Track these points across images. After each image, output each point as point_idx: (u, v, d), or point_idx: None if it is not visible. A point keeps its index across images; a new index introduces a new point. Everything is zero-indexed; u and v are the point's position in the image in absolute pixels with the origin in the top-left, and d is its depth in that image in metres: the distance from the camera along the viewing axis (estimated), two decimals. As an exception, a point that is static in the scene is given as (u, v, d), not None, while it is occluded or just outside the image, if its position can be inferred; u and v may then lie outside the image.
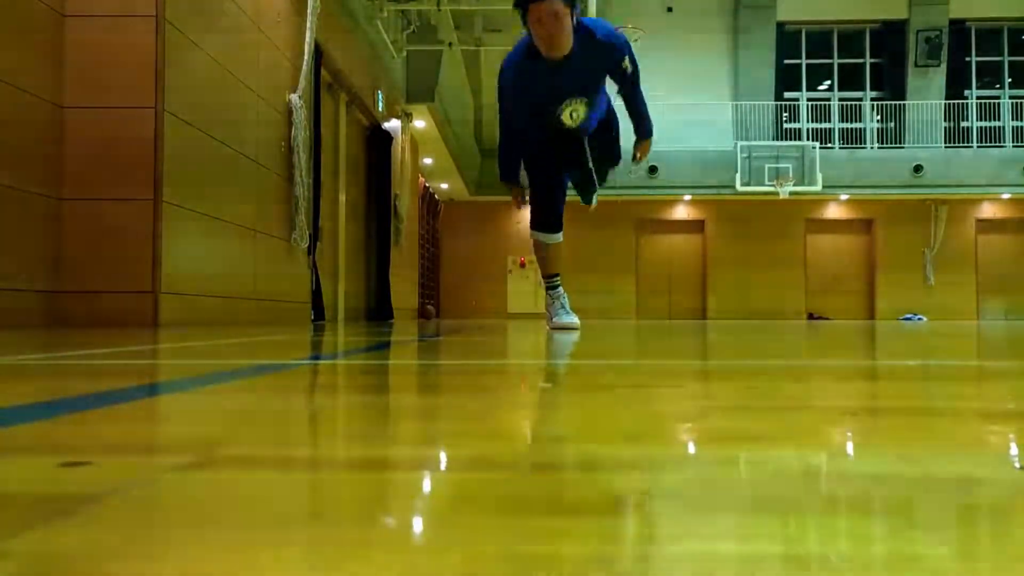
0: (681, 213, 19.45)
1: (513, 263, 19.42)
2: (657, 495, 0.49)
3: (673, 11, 19.29)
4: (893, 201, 18.70)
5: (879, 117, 19.32)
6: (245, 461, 0.60)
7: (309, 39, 7.63)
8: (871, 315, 19.19)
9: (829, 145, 18.94)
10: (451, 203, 19.37)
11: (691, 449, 0.67)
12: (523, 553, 0.37)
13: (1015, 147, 18.35)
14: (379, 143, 11.52)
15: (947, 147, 18.51)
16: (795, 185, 17.55)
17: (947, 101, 18.85)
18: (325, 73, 8.85)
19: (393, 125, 11.90)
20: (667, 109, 15.86)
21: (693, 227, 19.62)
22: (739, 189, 17.67)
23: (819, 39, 20.00)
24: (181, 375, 1.46)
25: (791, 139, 18.76)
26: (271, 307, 6.83)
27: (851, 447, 0.69)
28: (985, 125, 18.89)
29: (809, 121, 19.44)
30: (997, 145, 18.56)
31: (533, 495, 0.49)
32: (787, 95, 19.58)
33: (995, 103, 19.12)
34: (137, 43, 4.96)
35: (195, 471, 0.55)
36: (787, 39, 19.64)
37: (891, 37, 19.42)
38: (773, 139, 18.65)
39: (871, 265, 19.60)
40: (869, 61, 19.86)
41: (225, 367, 1.58)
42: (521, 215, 19.64)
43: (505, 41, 13.94)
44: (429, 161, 15.35)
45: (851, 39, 19.95)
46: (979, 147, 18.53)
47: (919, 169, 17.96)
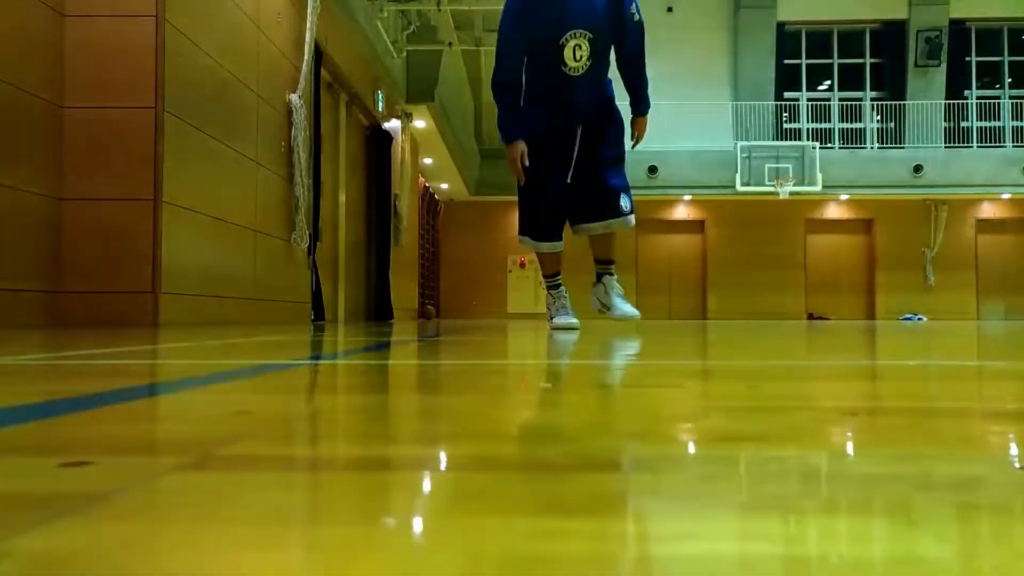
0: (681, 213, 19.45)
1: (513, 263, 19.42)
2: (657, 495, 0.49)
3: (673, 11, 19.30)
4: (893, 201, 18.70)
5: (879, 117, 19.33)
6: (245, 461, 0.60)
7: (309, 39, 7.63)
8: (871, 315, 19.20)
9: (829, 145, 18.95)
10: (451, 203, 19.37)
11: (691, 449, 0.67)
12: (523, 553, 0.37)
13: (1015, 147, 18.35)
14: (379, 143, 11.52)
15: (947, 147, 18.52)
16: (795, 185, 17.56)
17: (947, 101, 18.87)
18: (325, 73, 8.85)
19: (393, 125, 11.90)
20: (667, 109, 15.86)
21: (693, 227, 19.63)
22: (739, 189, 17.68)
23: (819, 39, 20.02)
24: (181, 375, 1.46)
25: (791, 139, 18.78)
26: (271, 307, 6.83)
27: (851, 447, 0.69)
28: (985, 125, 18.90)
29: (809, 121, 19.45)
30: (997, 145, 18.56)
31: (532, 495, 0.49)
32: (787, 95, 19.59)
33: (995, 103, 19.13)
34: (137, 43, 4.97)
35: (195, 471, 0.55)
36: (787, 39, 19.65)
37: (891, 37, 19.44)
38: (773, 139, 18.67)
39: (871, 265, 19.61)
40: (869, 61, 19.88)
41: (225, 367, 1.59)
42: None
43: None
44: (429, 161, 15.35)
45: (851, 39, 19.97)
46: (979, 147, 18.54)
47: (919, 169, 17.97)
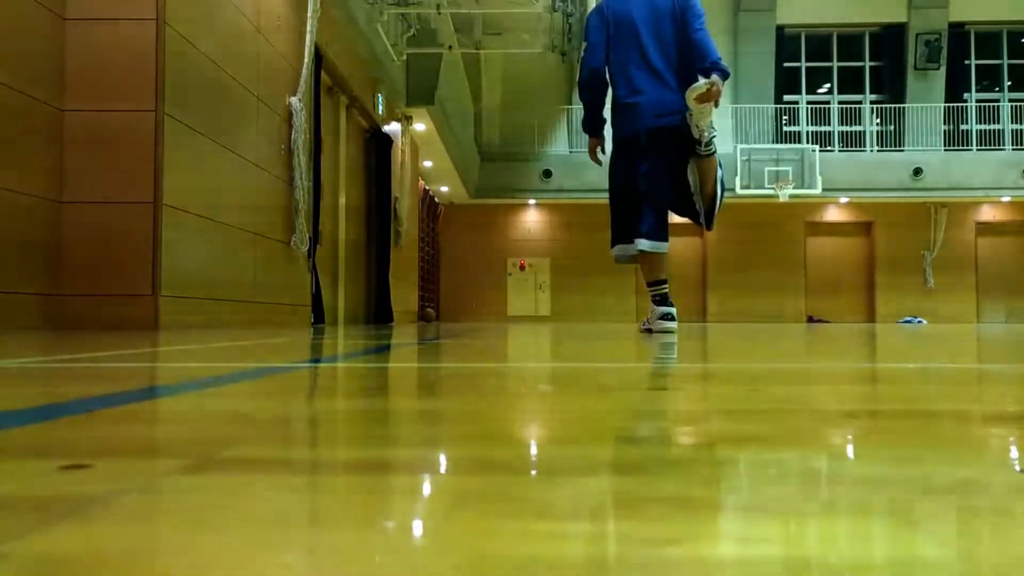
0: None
1: (513, 266, 19.41)
2: (657, 497, 0.49)
3: (673, 14, 19.30)
4: (893, 204, 18.71)
5: (879, 120, 19.34)
6: (245, 464, 0.60)
7: (309, 42, 7.64)
8: (871, 318, 19.19)
9: (829, 148, 18.96)
10: (451, 206, 19.37)
11: (692, 451, 0.67)
12: (522, 555, 0.37)
13: (1015, 150, 18.36)
14: (379, 146, 11.53)
15: (947, 150, 18.53)
16: (795, 188, 17.56)
17: (947, 104, 18.88)
18: (325, 76, 8.86)
19: (393, 128, 11.91)
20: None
21: (693, 230, 19.57)
22: (739, 192, 17.67)
23: (819, 42, 20.03)
24: (181, 378, 1.46)
25: (791, 142, 18.78)
26: (271, 310, 6.83)
27: (851, 449, 0.69)
28: (984, 128, 18.91)
29: (809, 124, 19.45)
30: (997, 148, 18.57)
31: (531, 497, 0.49)
32: (787, 98, 19.60)
33: (995, 106, 19.13)
34: (137, 46, 4.97)
35: (195, 474, 0.55)
36: (787, 42, 19.66)
37: (891, 40, 19.46)
38: (773, 142, 18.67)
39: (871, 268, 19.61)
40: (869, 64, 19.89)
41: (225, 370, 1.59)
42: (520, 219, 19.67)
43: (505, 44, 13.96)
44: (429, 164, 15.35)
45: (851, 42, 19.98)
46: (979, 150, 18.54)
47: (919, 172, 17.97)
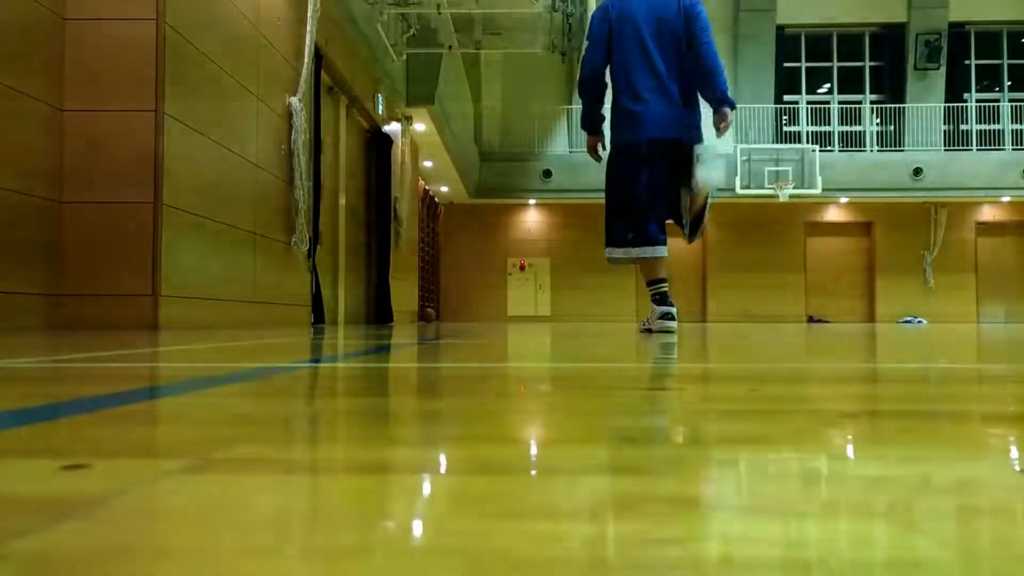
0: (681, 216, 19.44)
1: (513, 266, 19.41)
2: (657, 497, 0.49)
3: (673, 14, 19.30)
4: (893, 204, 18.71)
5: (879, 120, 19.34)
6: (245, 464, 0.60)
7: (309, 42, 7.64)
8: (871, 318, 19.20)
9: (829, 148, 18.96)
10: (451, 206, 19.38)
11: (691, 451, 0.67)
12: (522, 555, 0.37)
13: (1015, 150, 18.36)
14: (379, 146, 11.53)
15: (947, 150, 18.53)
16: (795, 188, 17.56)
17: (946, 104, 18.88)
18: (325, 76, 8.86)
19: (393, 128, 11.91)
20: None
21: (693, 230, 19.61)
22: (739, 192, 17.67)
23: (819, 42, 20.03)
24: (181, 378, 1.46)
25: (791, 142, 18.78)
26: (271, 310, 6.83)
27: (851, 450, 0.69)
28: (984, 128, 18.91)
29: (809, 124, 19.46)
30: (997, 148, 18.57)
31: (531, 498, 0.49)
32: (787, 98, 19.60)
33: (995, 106, 19.14)
34: (137, 46, 4.97)
35: (195, 474, 0.55)
36: (787, 42, 19.66)
37: (890, 40, 19.46)
38: (773, 142, 18.67)
39: (871, 268, 19.61)
40: (869, 64, 19.89)
41: (225, 370, 1.59)
42: (520, 219, 19.66)
43: (505, 44, 13.96)
44: (429, 164, 15.35)
45: (851, 42, 19.98)
46: (979, 150, 18.54)
47: (919, 172, 17.97)
